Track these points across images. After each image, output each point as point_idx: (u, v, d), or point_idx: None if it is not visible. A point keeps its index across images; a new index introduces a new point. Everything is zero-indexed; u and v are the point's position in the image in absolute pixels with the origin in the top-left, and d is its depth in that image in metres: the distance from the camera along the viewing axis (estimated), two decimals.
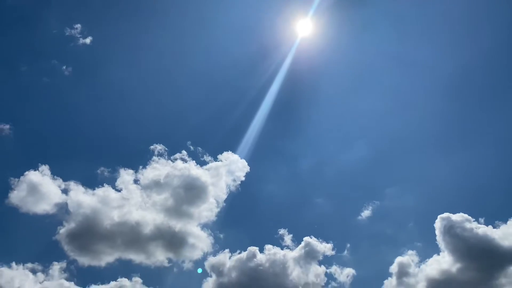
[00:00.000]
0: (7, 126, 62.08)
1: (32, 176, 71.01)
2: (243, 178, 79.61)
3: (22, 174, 64.89)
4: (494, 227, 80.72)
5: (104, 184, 70.77)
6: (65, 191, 68.08)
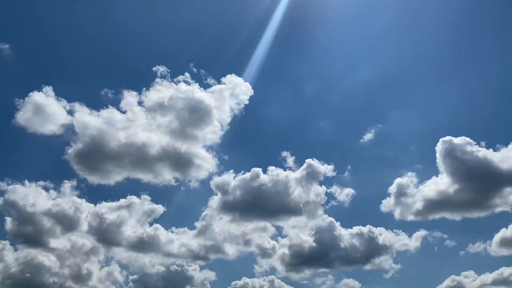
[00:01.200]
0: (7, 46, 60.75)
1: (37, 97, 71.07)
2: (247, 102, 79.43)
3: (27, 95, 64.91)
4: (494, 150, 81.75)
5: (109, 105, 70.99)
6: (70, 113, 68.51)
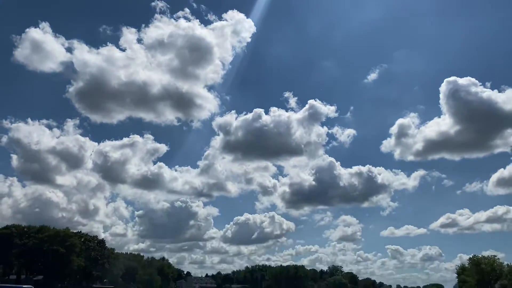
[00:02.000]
0: None
1: (34, 33, 69.32)
2: (249, 40, 77.41)
3: (23, 31, 63.41)
4: (499, 91, 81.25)
5: (108, 43, 69.82)
6: (69, 50, 67.33)
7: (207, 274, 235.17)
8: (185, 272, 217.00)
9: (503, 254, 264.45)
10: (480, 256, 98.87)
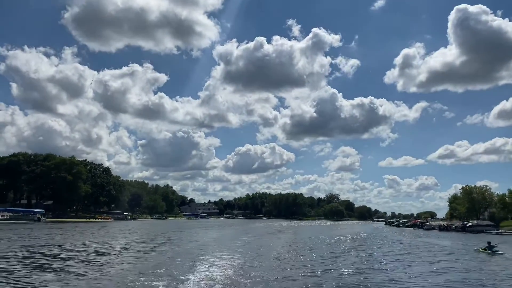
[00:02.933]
0: None
1: None
2: None
3: None
4: (510, 20, 78.55)
5: None
6: None
7: (209, 200, 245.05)
8: (188, 199, 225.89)
9: (497, 184, 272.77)
10: (473, 186, 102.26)
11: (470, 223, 75.95)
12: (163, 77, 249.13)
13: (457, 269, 21.80)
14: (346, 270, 19.87)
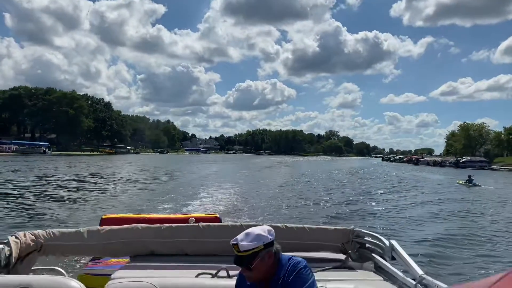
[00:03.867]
0: None
1: None
2: None
3: None
4: None
5: None
6: None
7: (210, 136, 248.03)
8: (190, 134, 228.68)
9: (497, 121, 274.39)
10: (470, 123, 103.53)
11: (463, 159, 78.16)
12: (161, 8, 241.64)
13: (433, 201, 23.48)
14: (336, 199, 21.43)
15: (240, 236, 2.42)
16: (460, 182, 34.84)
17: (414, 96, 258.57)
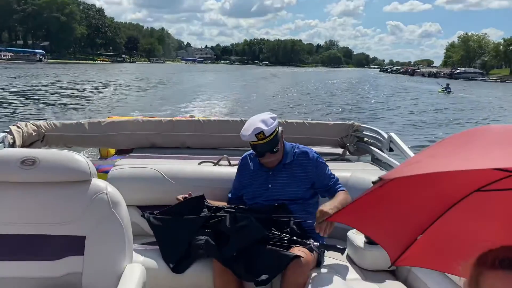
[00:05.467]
0: None
1: None
2: None
3: None
4: None
5: None
6: None
7: (206, 45, 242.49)
8: (184, 43, 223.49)
9: (503, 31, 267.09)
10: (470, 34, 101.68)
11: (458, 71, 78.48)
12: None
13: (408, 105, 25.65)
14: (321, 104, 22.82)
15: (258, 125, 2.40)
16: (440, 91, 37.10)
17: (419, 4, 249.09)
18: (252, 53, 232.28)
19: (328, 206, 2.27)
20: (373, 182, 0.84)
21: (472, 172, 1.03)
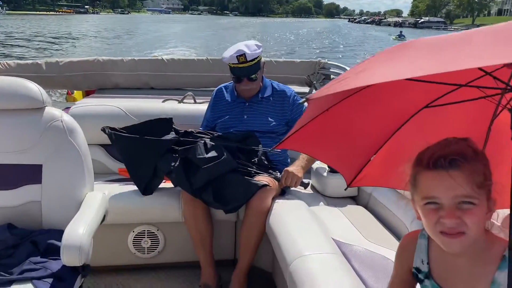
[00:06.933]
0: None
1: None
2: None
3: None
4: None
5: None
6: None
7: None
8: None
9: None
10: None
11: (422, 20, 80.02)
12: None
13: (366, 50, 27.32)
14: (290, 53, 24.03)
15: (241, 48, 2.37)
16: (394, 38, 39.23)
17: None
18: (221, 3, 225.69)
19: (293, 166, 2.37)
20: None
21: (418, 89, 1.07)
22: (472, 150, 0.93)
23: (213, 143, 2.28)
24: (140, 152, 2.32)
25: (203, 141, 2.28)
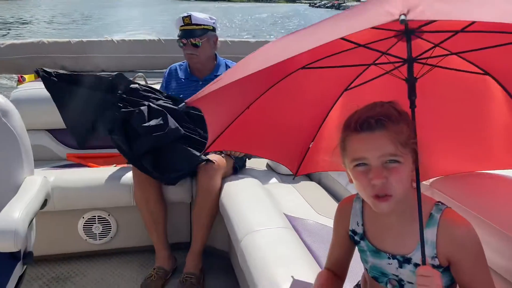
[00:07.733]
0: None
1: None
2: None
3: None
4: None
5: None
6: None
7: None
8: None
9: None
10: None
11: None
12: None
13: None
14: (247, 34, 23.93)
15: (191, 12, 2.45)
16: None
17: None
18: None
19: None
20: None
21: (333, 75, 1.12)
22: (397, 111, 0.96)
23: (159, 108, 2.14)
24: (79, 100, 2.19)
25: (147, 104, 2.15)
